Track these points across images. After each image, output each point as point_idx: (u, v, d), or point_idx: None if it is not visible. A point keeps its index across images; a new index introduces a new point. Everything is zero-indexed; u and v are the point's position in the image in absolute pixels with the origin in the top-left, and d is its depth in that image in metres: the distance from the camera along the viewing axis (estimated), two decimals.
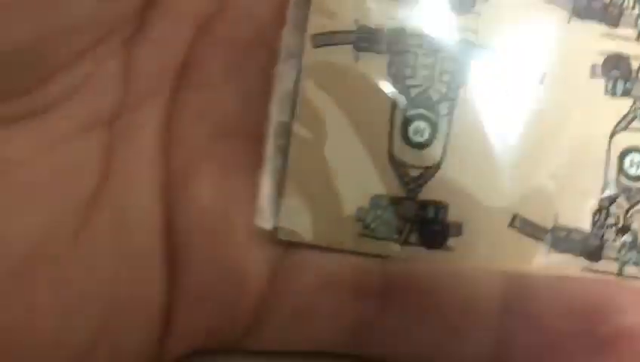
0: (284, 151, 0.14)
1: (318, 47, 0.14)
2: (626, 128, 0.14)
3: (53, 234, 0.12)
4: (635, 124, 0.14)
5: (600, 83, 0.14)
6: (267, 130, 0.14)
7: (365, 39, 0.14)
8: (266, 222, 0.13)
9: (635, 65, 0.14)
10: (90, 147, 0.13)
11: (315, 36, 0.14)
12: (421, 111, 0.14)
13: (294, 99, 0.14)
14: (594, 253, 0.14)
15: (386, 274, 0.13)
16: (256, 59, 0.13)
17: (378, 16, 0.14)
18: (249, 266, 0.13)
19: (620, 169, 0.14)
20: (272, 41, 0.13)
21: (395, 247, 0.14)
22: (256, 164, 0.13)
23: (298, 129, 0.14)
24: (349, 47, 0.14)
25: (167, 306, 0.13)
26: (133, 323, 0.13)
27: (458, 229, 0.14)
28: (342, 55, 0.14)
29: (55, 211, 0.12)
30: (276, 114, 0.14)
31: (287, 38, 0.14)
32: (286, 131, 0.14)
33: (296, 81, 0.14)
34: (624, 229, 0.14)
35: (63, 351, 0.12)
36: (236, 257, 0.13)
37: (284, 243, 0.13)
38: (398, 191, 0.14)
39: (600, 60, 0.14)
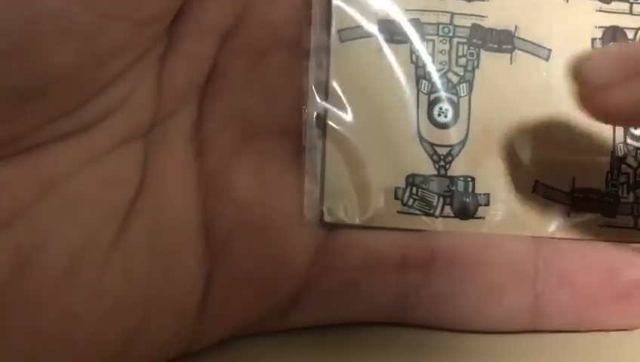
0: (321, 143, 0.15)
1: (344, 41, 0.15)
2: None
3: (93, 242, 0.12)
4: None
5: None
6: (303, 123, 0.14)
7: (387, 31, 0.15)
8: (311, 209, 0.14)
9: (630, 35, 0.15)
10: (128, 159, 0.13)
11: (340, 32, 0.15)
12: (442, 93, 0.15)
13: (325, 92, 0.15)
14: (610, 210, 0.15)
15: (425, 247, 0.14)
16: (275, 61, 0.14)
17: (397, 9, 0.15)
18: (290, 252, 0.14)
19: (626, 131, 0.15)
20: (290, 42, 0.14)
21: (432, 221, 0.15)
22: (287, 156, 0.14)
23: (331, 120, 0.15)
24: (372, 39, 0.15)
25: (204, 300, 0.13)
26: (170, 321, 0.13)
27: (486, 199, 0.15)
28: (366, 47, 0.15)
29: (96, 221, 0.13)
30: (309, 107, 0.15)
31: (314, 35, 0.15)
32: (320, 123, 0.15)
33: (326, 75, 0.15)
34: (636, 185, 0.15)
35: (99, 352, 0.12)
36: (277, 244, 0.14)
37: (326, 227, 0.14)
38: (429, 169, 0.15)
39: (599, 34, 0.15)
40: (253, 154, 0.14)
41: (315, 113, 0.15)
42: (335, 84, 0.15)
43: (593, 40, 0.15)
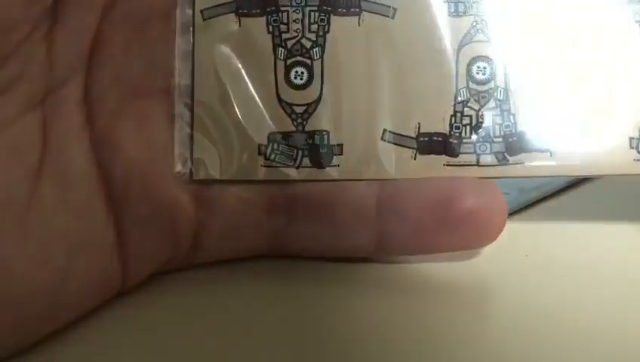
0: (190, 108, 0.17)
1: (207, 19, 0.17)
2: (470, 42, 0.17)
3: (10, 203, 0.14)
4: (478, 37, 0.17)
5: (443, 7, 0.17)
6: (173, 91, 0.17)
7: (243, 6, 0.17)
8: (182, 167, 0.16)
9: None
10: (30, 125, 0.15)
11: (202, 11, 0.17)
12: (298, 58, 0.17)
13: (192, 65, 0.17)
14: (453, 150, 0.16)
15: (287, 193, 0.16)
16: (153, 30, 0.16)
17: None
18: (178, 200, 0.16)
19: (469, 76, 0.17)
20: (166, 14, 0.16)
21: (292, 171, 0.17)
22: (167, 117, 0.16)
23: (198, 90, 0.17)
24: (232, 15, 0.17)
25: (119, 242, 0.16)
26: (94, 261, 0.15)
27: (340, 149, 0.17)
28: (227, 23, 0.17)
29: (11, 183, 0.14)
30: (178, 78, 0.17)
31: (180, 13, 0.17)
32: (189, 91, 0.17)
33: (193, 50, 0.17)
34: (477, 126, 0.17)
35: (32, 288, 0.14)
36: (166, 194, 0.16)
37: (197, 184, 0.16)
38: (288, 126, 0.17)
39: None
40: (136, 114, 0.16)
41: (183, 84, 0.17)
42: (200, 59, 0.17)
43: None
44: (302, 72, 0.17)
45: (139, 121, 0.16)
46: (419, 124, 0.16)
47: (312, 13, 0.17)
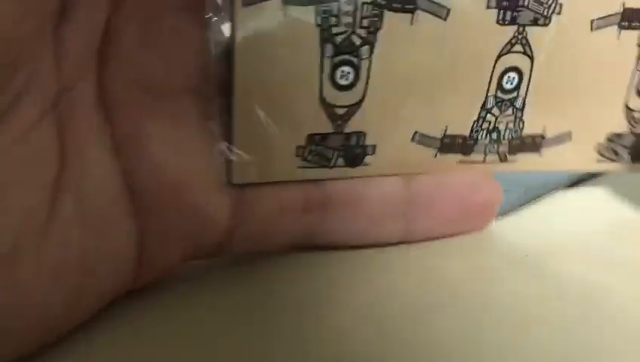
0: (226, 108, 0.15)
1: (247, 5, 0.14)
2: (509, 52, 0.17)
3: (30, 220, 0.13)
4: (516, 47, 0.17)
5: (493, 13, 0.16)
6: (211, 87, 0.15)
7: None
8: (221, 172, 0.16)
9: None
10: (45, 134, 0.13)
11: None
12: (346, 57, 0.16)
13: (231, 56, 0.15)
14: (468, 149, 0.18)
15: (322, 191, 0.17)
16: (167, 24, 0.14)
17: None
18: (209, 207, 0.16)
19: (499, 85, 0.17)
20: (181, 6, 0.14)
21: (327, 171, 0.17)
22: (194, 115, 0.15)
23: (238, 84, 0.15)
24: (277, 1, 0.14)
25: (138, 253, 0.15)
26: (110, 273, 0.15)
27: (373, 149, 0.17)
28: (271, 10, 0.14)
29: (29, 200, 0.13)
30: (216, 75, 0.15)
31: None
32: (227, 86, 0.15)
33: (232, 41, 0.15)
34: (492, 130, 0.18)
35: (47, 313, 0.14)
36: (196, 202, 0.15)
37: (237, 187, 0.16)
38: (327, 128, 0.16)
39: None
40: (161, 115, 0.15)
41: (221, 76, 0.15)
42: (240, 51, 0.15)
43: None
44: (348, 72, 0.16)
45: (164, 122, 0.15)
46: (446, 127, 0.17)
47: (366, 6, 0.15)
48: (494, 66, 0.17)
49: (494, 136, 0.18)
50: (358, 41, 0.15)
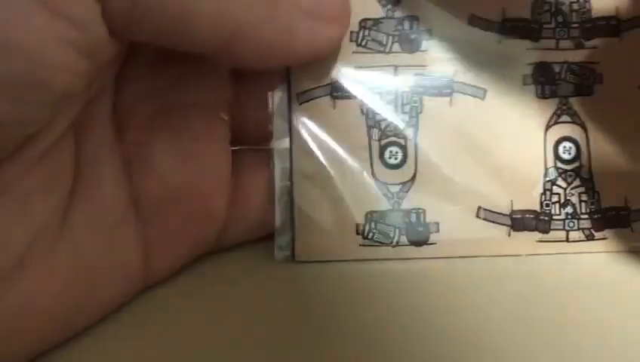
0: (288, 189, 0.17)
1: (302, 103, 0.18)
2: (556, 123, 0.17)
3: (43, 234, 0.14)
4: (563, 118, 0.18)
5: (531, 88, 0.18)
6: (272, 174, 0.17)
7: (339, 89, 0.17)
8: (283, 252, 0.17)
9: (557, 69, 0.17)
10: (64, 149, 0.14)
11: (299, 94, 0.17)
12: (392, 138, 0.18)
13: (290, 149, 0.17)
14: (544, 227, 0.17)
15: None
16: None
17: (346, 68, 0.17)
18: (211, 211, 0.16)
19: (556, 156, 0.17)
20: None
21: (390, 250, 0.17)
22: (199, 127, 0.16)
23: (298, 174, 0.17)
24: (327, 97, 0.17)
25: (143, 259, 0.16)
26: (118, 282, 0.15)
27: (436, 227, 0.17)
28: (322, 105, 0.17)
29: (44, 214, 0.14)
30: (277, 161, 0.17)
31: (276, 96, 0.17)
32: (287, 172, 0.17)
33: (290, 135, 0.17)
34: (565, 204, 0.17)
35: (54, 321, 0.14)
36: (199, 206, 0.16)
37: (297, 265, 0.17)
38: (384, 205, 0.17)
39: (529, 70, 0.17)
40: (167, 128, 0.16)
41: (281, 167, 0.17)
42: (297, 140, 0.17)
43: (524, 76, 0.17)
44: (396, 152, 0.17)
45: (171, 136, 0.16)
46: (511, 201, 0.17)
47: (405, 94, 0.18)
48: (545, 137, 0.17)
49: (569, 210, 0.17)
50: (402, 125, 0.18)
